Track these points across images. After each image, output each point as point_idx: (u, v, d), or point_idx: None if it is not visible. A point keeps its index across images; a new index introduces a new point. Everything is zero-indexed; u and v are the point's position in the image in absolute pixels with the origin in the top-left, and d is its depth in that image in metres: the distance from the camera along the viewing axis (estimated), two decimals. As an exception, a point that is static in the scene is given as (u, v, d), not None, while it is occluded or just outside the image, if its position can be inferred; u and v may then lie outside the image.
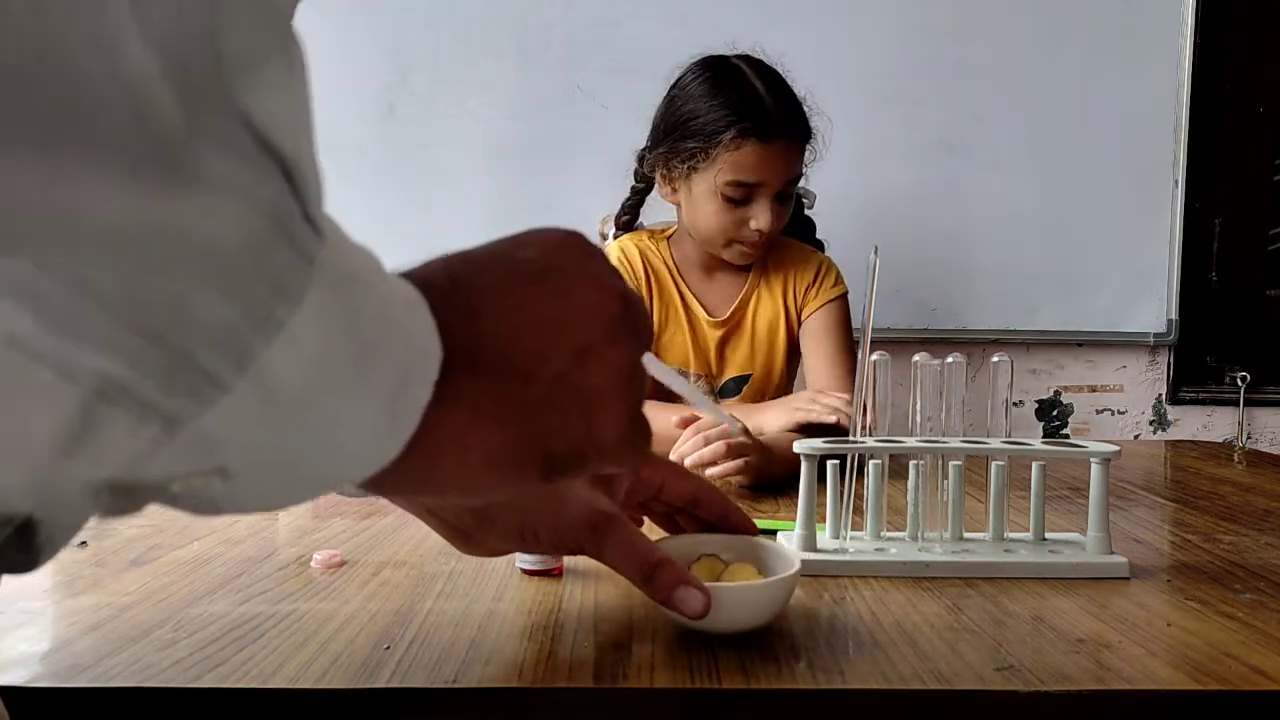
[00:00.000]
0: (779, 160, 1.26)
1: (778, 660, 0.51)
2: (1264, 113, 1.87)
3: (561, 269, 0.35)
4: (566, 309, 0.34)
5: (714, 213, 1.27)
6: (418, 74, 1.76)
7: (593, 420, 0.35)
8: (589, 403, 0.35)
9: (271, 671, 0.49)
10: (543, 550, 0.61)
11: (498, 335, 0.32)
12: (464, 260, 0.33)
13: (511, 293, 0.33)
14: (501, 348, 0.32)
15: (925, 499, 0.72)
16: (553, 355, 0.33)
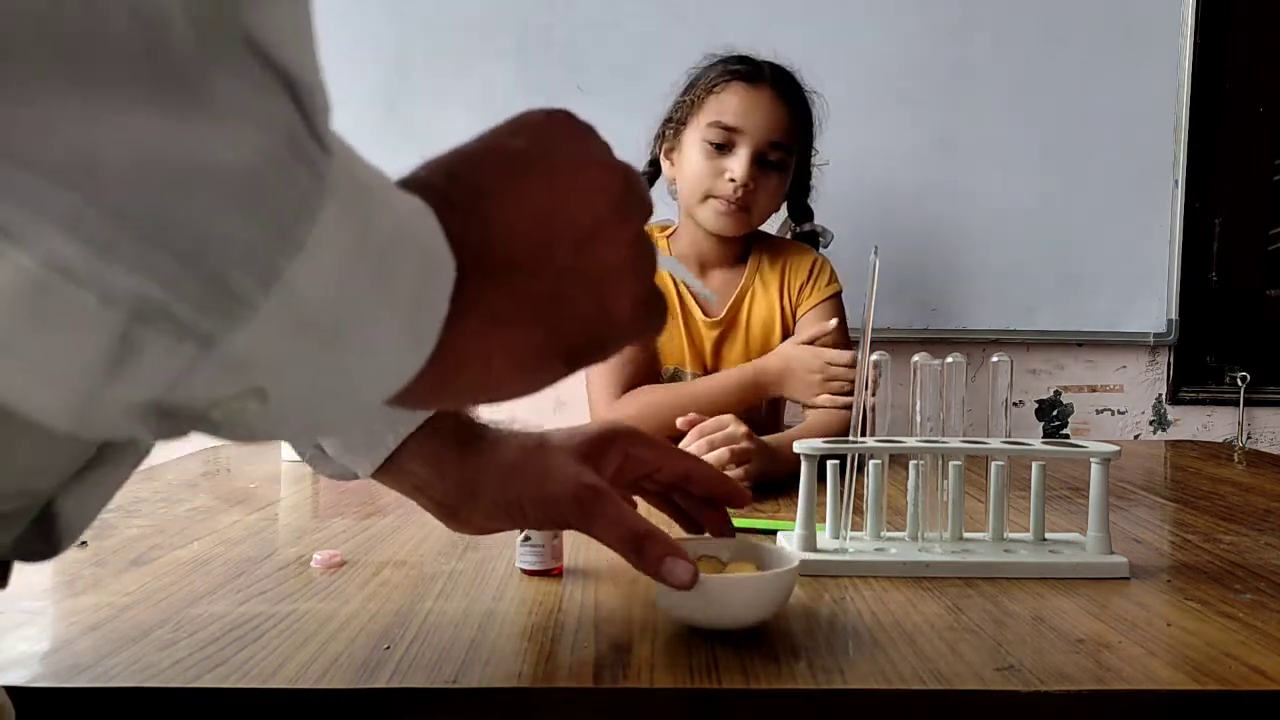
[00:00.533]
0: (762, 109, 1.27)
1: (778, 660, 0.51)
2: (1264, 113, 1.87)
3: (556, 152, 0.34)
4: (566, 194, 0.33)
5: (695, 163, 1.29)
6: (418, 74, 1.75)
7: (607, 302, 0.35)
8: (601, 285, 0.34)
9: (271, 671, 0.49)
10: (530, 525, 0.61)
11: (502, 233, 0.32)
12: (458, 159, 0.33)
13: (509, 186, 0.32)
14: (507, 245, 0.32)
15: (925, 499, 0.72)
16: (558, 244, 0.33)
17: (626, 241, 0.35)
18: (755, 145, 1.27)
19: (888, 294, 1.76)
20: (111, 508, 0.87)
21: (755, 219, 1.32)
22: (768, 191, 1.30)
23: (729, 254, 1.37)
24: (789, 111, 1.30)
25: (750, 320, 1.36)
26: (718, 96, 1.30)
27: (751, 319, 1.36)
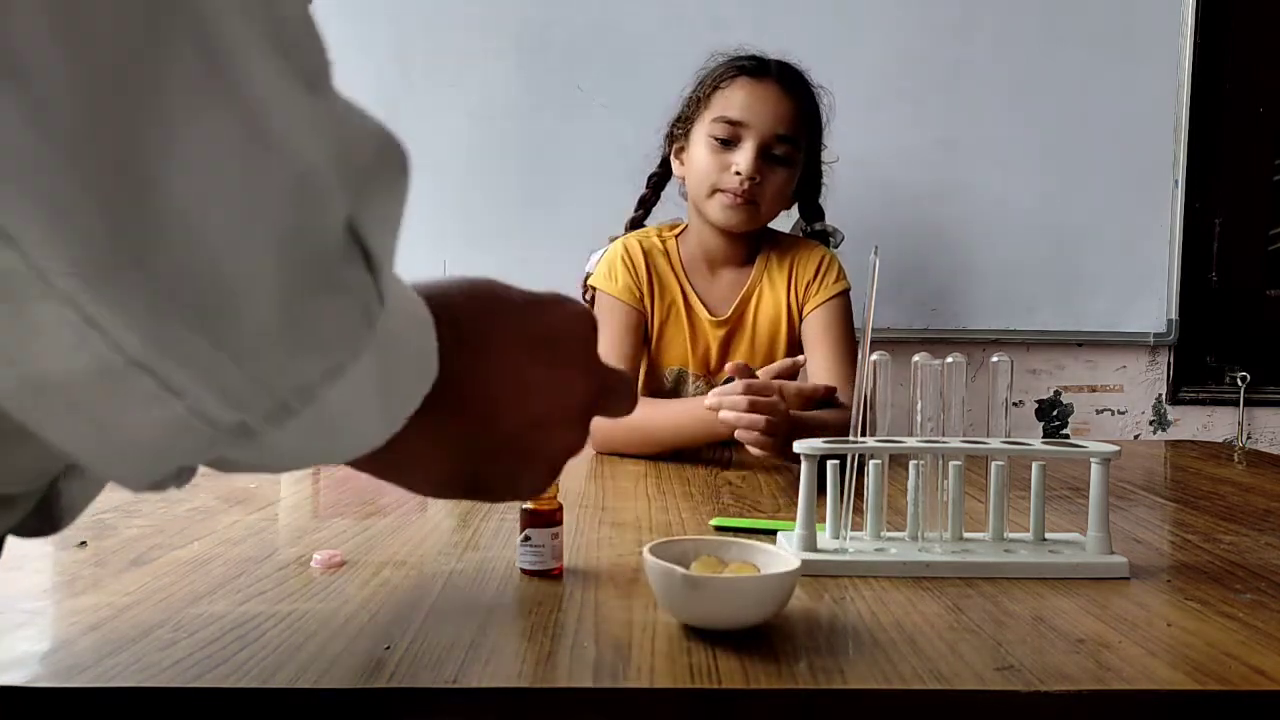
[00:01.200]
0: (767, 103, 1.27)
1: (778, 660, 0.51)
2: (1264, 113, 1.87)
3: (560, 343, 0.40)
4: (546, 381, 0.39)
5: (701, 159, 1.30)
6: (418, 74, 1.76)
7: (520, 477, 0.41)
8: (525, 463, 0.41)
9: (271, 671, 0.49)
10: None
11: (483, 382, 0.37)
12: (489, 299, 0.39)
13: (510, 350, 0.38)
14: (481, 393, 0.37)
15: (925, 499, 0.72)
16: (517, 414, 0.39)
17: (565, 444, 0.41)
18: (760, 138, 1.27)
19: (888, 294, 1.76)
20: (111, 507, 0.87)
21: (763, 214, 1.32)
22: (775, 185, 1.29)
23: (737, 253, 1.37)
24: (795, 105, 1.30)
25: (757, 320, 1.36)
26: (723, 92, 1.30)
27: (758, 319, 1.36)
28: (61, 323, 0.22)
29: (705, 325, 1.36)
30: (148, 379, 0.24)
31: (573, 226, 1.75)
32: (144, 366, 0.24)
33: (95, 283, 0.22)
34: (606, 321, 1.35)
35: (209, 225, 0.23)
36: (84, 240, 0.21)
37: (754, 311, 1.36)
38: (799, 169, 1.33)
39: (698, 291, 1.36)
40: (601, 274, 1.37)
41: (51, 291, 0.22)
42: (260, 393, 0.26)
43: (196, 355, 0.24)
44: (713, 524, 0.84)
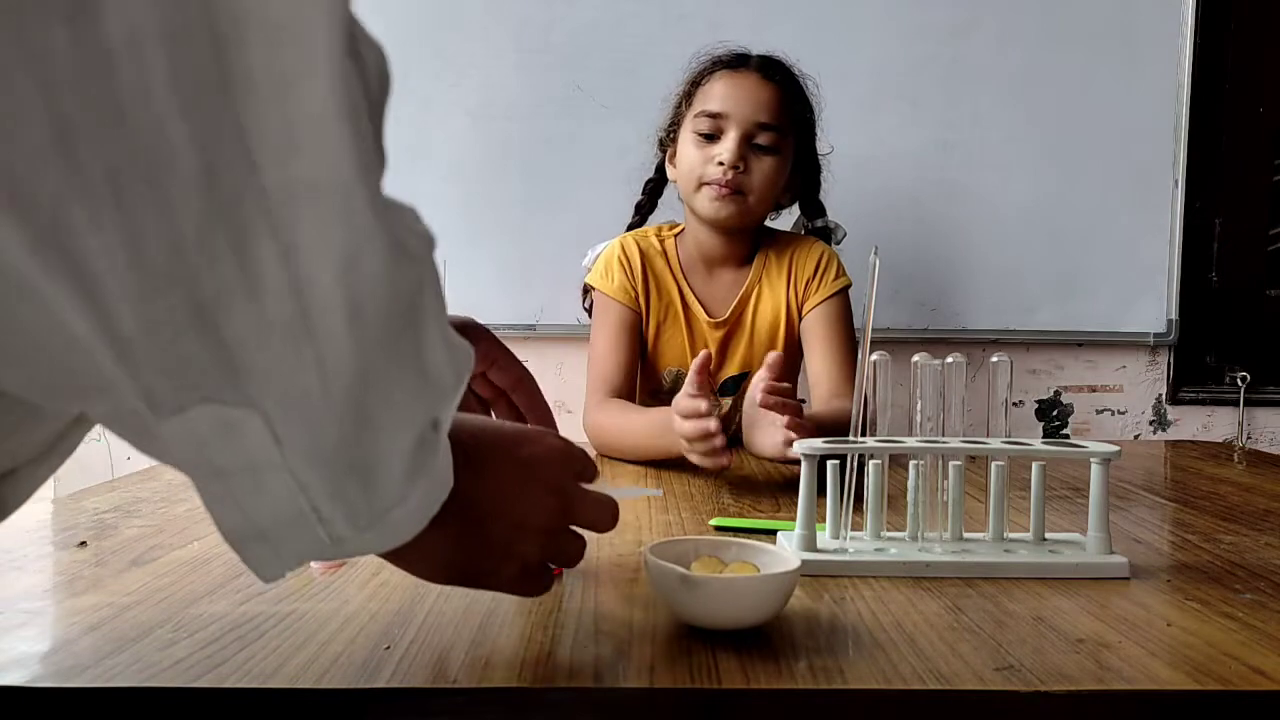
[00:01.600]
0: (746, 90, 1.27)
1: (778, 660, 0.51)
2: (1264, 113, 1.87)
3: (539, 469, 0.52)
4: (526, 497, 0.51)
5: (687, 155, 1.30)
6: (417, 74, 1.75)
7: (502, 567, 0.52)
8: (506, 559, 0.52)
9: (271, 671, 0.49)
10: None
11: (483, 494, 0.49)
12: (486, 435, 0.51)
13: (500, 473, 0.51)
14: (479, 503, 0.49)
15: (925, 499, 0.72)
16: (504, 520, 0.50)
17: (538, 548, 0.53)
18: (742, 127, 1.26)
19: (888, 294, 1.76)
20: (111, 508, 0.87)
21: (753, 205, 1.29)
22: (762, 174, 1.27)
23: (734, 252, 1.36)
24: (776, 91, 1.29)
25: (755, 320, 1.35)
26: (703, 88, 1.31)
27: (757, 319, 1.35)
28: (283, 486, 0.35)
29: (703, 326, 1.35)
30: (314, 515, 0.37)
31: (572, 226, 1.75)
32: (316, 509, 0.37)
33: (314, 463, 0.35)
34: (602, 321, 1.34)
35: (386, 431, 0.37)
36: (317, 440, 0.35)
37: (753, 311, 1.35)
38: (788, 159, 1.31)
39: (696, 292, 1.36)
40: (598, 273, 1.37)
41: (285, 465, 0.35)
42: (368, 516, 0.38)
43: (351, 499, 0.37)
44: (713, 524, 0.84)
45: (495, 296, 1.76)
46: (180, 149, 0.28)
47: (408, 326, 0.36)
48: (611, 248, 1.39)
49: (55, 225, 0.28)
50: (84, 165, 0.27)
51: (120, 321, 0.30)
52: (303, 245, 0.31)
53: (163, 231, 0.29)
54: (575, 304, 1.55)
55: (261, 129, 0.29)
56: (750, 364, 1.36)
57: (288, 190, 0.30)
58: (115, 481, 1.03)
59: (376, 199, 0.34)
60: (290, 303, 0.32)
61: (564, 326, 1.74)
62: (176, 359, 0.31)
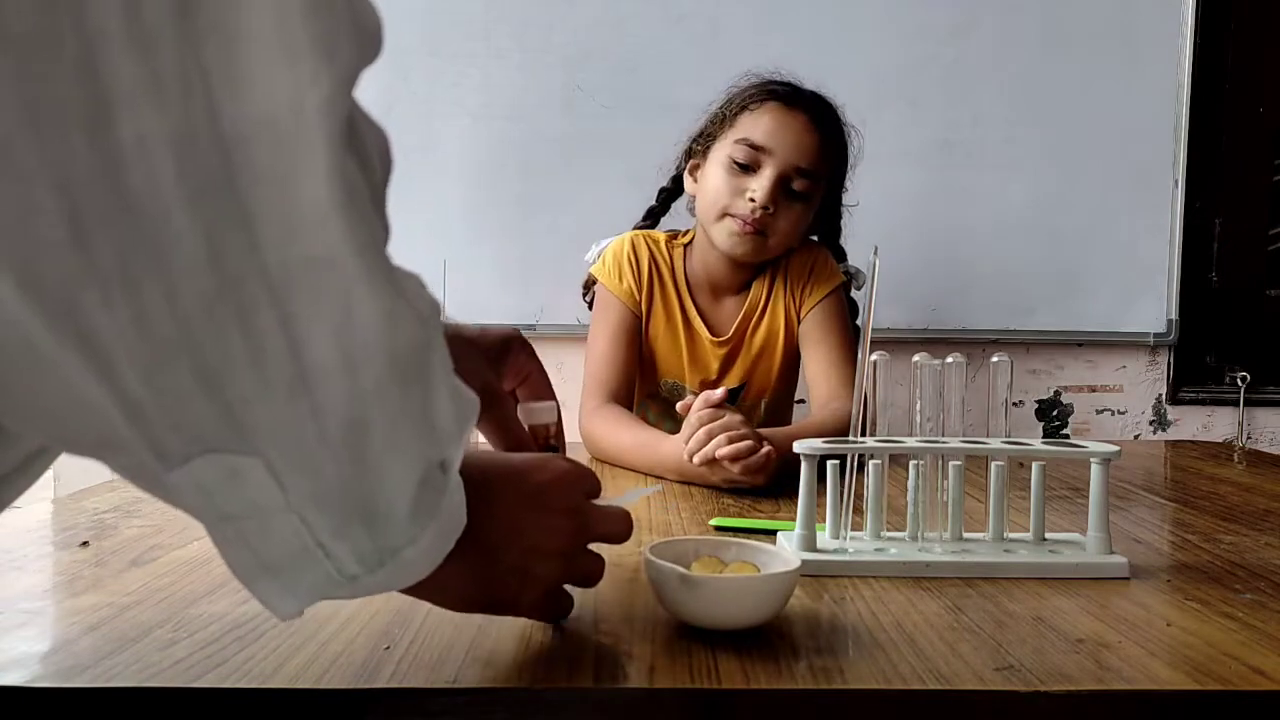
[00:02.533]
0: (794, 132, 1.23)
1: (778, 660, 0.51)
2: (1264, 113, 1.87)
3: (552, 495, 0.53)
4: (539, 523, 0.52)
5: (717, 179, 1.26)
6: (418, 74, 1.75)
7: (522, 593, 0.53)
8: (524, 583, 0.52)
9: (271, 671, 0.49)
10: None
11: (495, 525, 0.50)
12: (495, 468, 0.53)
13: (513, 501, 0.52)
14: (492, 534, 0.50)
15: (925, 499, 0.72)
16: (517, 547, 0.52)
17: (552, 571, 0.54)
18: (781, 168, 1.23)
19: (888, 294, 1.76)
20: (111, 507, 0.87)
21: (771, 246, 1.27)
22: (788, 219, 1.25)
23: (739, 279, 1.34)
24: (821, 139, 1.25)
25: (757, 336, 1.34)
26: (751, 114, 1.26)
27: (758, 335, 1.34)
28: (288, 525, 0.37)
29: (706, 344, 1.34)
30: (319, 551, 0.38)
31: (573, 226, 1.75)
32: (321, 545, 0.38)
33: (320, 505, 0.37)
34: (603, 320, 1.34)
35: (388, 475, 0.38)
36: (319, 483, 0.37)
37: (754, 328, 1.34)
38: (815, 207, 1.29)
39: (700, 309, 1.35)
40: (604, 267, 1.36)
41: (290, 507, 0.37)
42: (376, 555, 0.40)
43: (356, 538, 0.39)
44: (713, 524, 0.84)
45: (495, 296, 1.76)
46: (186, 236, 0.31)
47: (413, 381, 0.38)
48: (620, 243, 1.37)
49: (69, 306, 0.31)
50: (96, 252, 0.30)
51: (130, 388, 0.32)
52: (300, 313, 0.34)
53: (169, 309, 0.31)
54: (575, 304, 1.55)
55: (264, 218, 0.32)
56: (750, 376, 1.35)
57: (286, 268, 0.33)
58: (115, 481, 1.03)
59: (375, 271, 0.36)
60: (289, 364, 0.34)
61: (564, 326, 1.74)
62: (183, 418, 0.34)
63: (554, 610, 0.56)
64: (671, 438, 1.07)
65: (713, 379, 1.34)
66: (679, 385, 1.35)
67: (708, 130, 1.32)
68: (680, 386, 1.35)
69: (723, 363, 1.34)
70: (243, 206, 0.32)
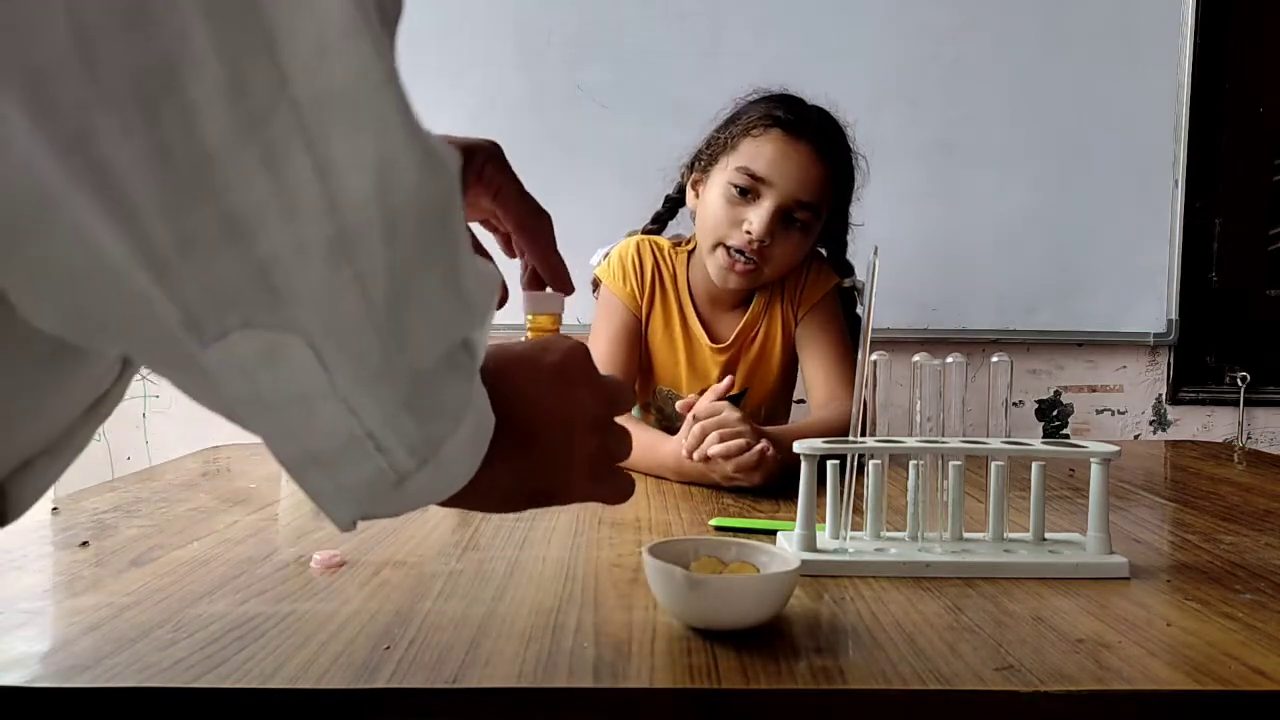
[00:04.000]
0: (797, 165, 1.19)
1: (778, 660, 0.51)
2: (1264, 113, 1.87)
3: (569, 370, 0.51)
4: (566, 401, 0.51)
5: (715, 206, 1.24)
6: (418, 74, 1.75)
7: (568, 476, 0.51)
8: (568, 464, 0.51)
9: (271, 671, 0.49)
10: None
11: (522, 413, 0.48)
12: (508, 358, 0.50)
13: (534, 384, 0.50)
14: (522, 421, 0.48)
15: (925, 499, 0.72)
16: (553, 429, 0.50)
17: (591, 446, 0.52)
18: (781, 200, 1.20)
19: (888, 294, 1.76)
20: (111, 507, 0.87)
21: (767, 275, 1.26)
22: (786, 249, 1.24)
23: (738, 294, 1.33)
24: (826, 171, 1.22)
25: (755, 343, 1.34)
26: (754, 140, 1.22)
27: (756, 342, 1.34)
28: (335, 413, 0.34)
29: (706, 352, 1.33)
30: (370, 442, 0.36)
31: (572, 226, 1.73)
32: (371, 434, 0.36)
33: (364, 387, 0.34)
34: (606, 321, 1.34)
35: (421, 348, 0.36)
36: (364, 363, 0.34)
37: (753, 336, 1.34)
38: (813, 236, 1.27)
39: (701, 316, 1.34)
40: (610, 269, 1.35)
41: (335, 392, 0.34)
42: (426, 444, 0.38)
43: (404, 427, 0.37)
44: (713, 524, 0.84)
45: (495, 296, 1.76)
46: (205, 57, 0.28)
47: (441, 240, 0.35)
48: (625, 246, 1.36)
49: (80, 134, 0.27)
50: (106, 71, 0.27)
51: (153, 236, 0.29)
52: (337, 159, 0.30)
53: (189, 142, 0.28)
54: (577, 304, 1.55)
55: (289, 36, 0.29)
56: (750, 382, 1.35)
57: (319, 102, 0.30)
58: (115, 481, 1.03)
59: (404, 105, 0.33)
60: (327, 222, 0.31)
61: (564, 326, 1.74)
62: (213, 278, 0.30)
63: (612, 486, 0.54)
64: (671, 438, 1.07)
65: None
66: (674, 394, 1.35)
67: (711, 147, 1.29)
68: (676, 395, 1.35)
69: (722, 370, 1.33)
70: (264, 22, 0.28)
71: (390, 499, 0.38)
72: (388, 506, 0.39)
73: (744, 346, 1.34)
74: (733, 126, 1.26)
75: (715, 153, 1.27)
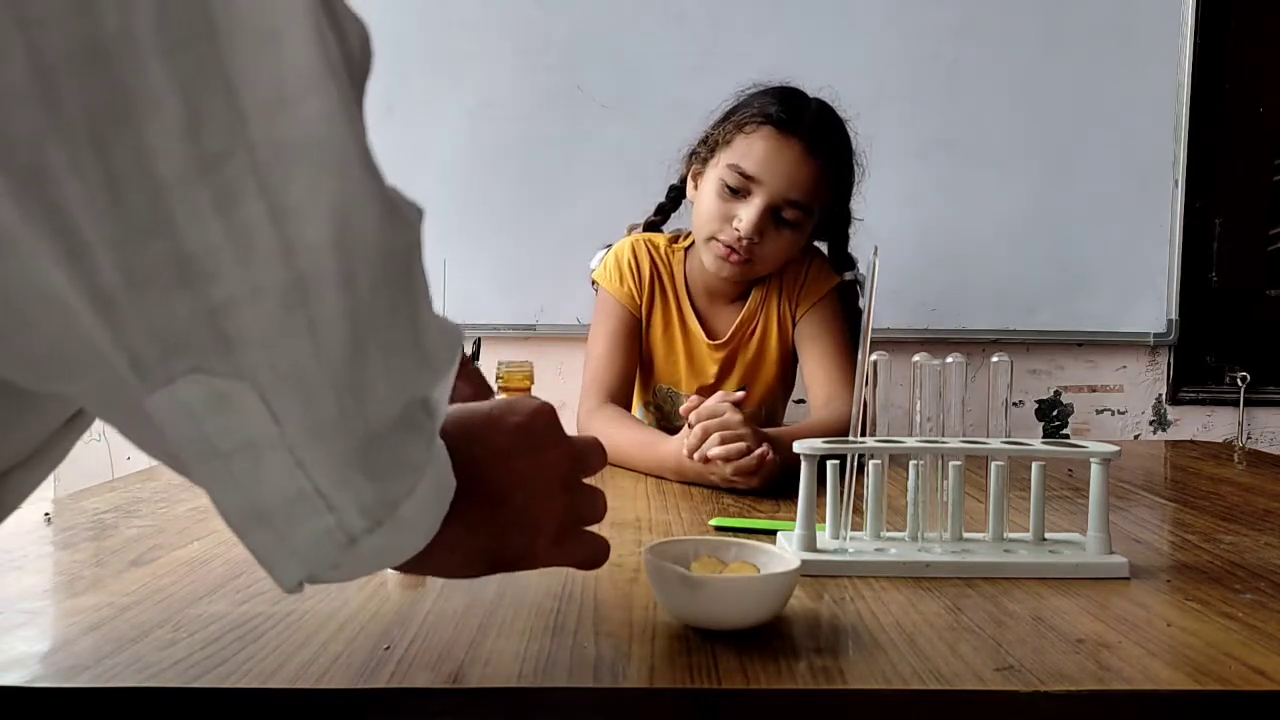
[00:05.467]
0: (786, 163, 1.19)
1: (778, 660, 0.51)
2: (1264, 113, 1.87)
3: (534, 430, 0.50)
4: (532, 463, 0.49)
5: (708, 201, 1.24)
6: (417, 74, 1.76)
7: (534, 540, 0.50)
8: (534, 528, 0.50)
9: (271, 671, 0.49)
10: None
11: (485, 475, 0.47)
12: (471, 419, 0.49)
13: (497, 445, 0.48)
14: (486, 484, 0.47)
15: (925, 499, 0.72)
16: (517, 492, 0.49)
17: (558, 507, 0.51)
18: (770, 199, 1.19)
19: (888, 294, 1.76)
20: (111, 508, 0.87)
21: (758, 269, 1.26)
22: (777, 246, 1.24)
23: (738, 286, 1.34)
24: (817, 169, 1.21)
25: (754, 342, 1.34)
26: (746, 137, 1.21)
27: (757, 340, 1.34)
28: (283, 465, 0.33)
29: (704, 348, 1.34)
30: (320, 500, 0.34)
31: (572, 226, 1.75)
32: (320, 491, 0.34)
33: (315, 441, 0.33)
34: (603, 322, 1.33)
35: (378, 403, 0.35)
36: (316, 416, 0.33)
37: (751, 332, 1.34)
38: (807, 231, 1.27)
39: (699, 313, 1.34)
40: (605, 270, 1.35)
41: (284, 443, 0.33)
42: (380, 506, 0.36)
43: (357, 485, 0.35)
44: (713, 524, 0.84)
45: (495, 296, 1.76)
46: (163, 93, 0.28)
47: (402, 293, 0.35)
48: (621, 246, 1.36)
49: (33, 169, 0.27)
50: (63, 105, 0.27)
51: (101, 273, 0.28)
52: (293, 206, 0.30)
53: (143, 180, 0.28)
54: (575, 304, 1.55)
55: (249, 80, 0.28)
56: (750, 380, 1.35)
57: (278, 147, 0.29)
58: (115, 481, 1.03)
59: (367, 157, 0.32)
60: (281, 267, 0.30)
61: (564, 326, 1.74)
62: (163, 320, 0.30)
63: (583, 550, 0.54)
64: (671, 438, 1.07)
65: (710, 383, 1.33)
66: (674, 392, 1.35)
67: (708, 141, 1.29)
68: (675, 393, 1.35)
69: (720, 367, 1.34)
70: (224, 65, 0.28)
71: (340, 561, 0.36)
72: (337, 569, 0.37)
73: (742, 342, 1.34)
74: (728, 121, 1.26)
75: (712, 146, 1.27)
